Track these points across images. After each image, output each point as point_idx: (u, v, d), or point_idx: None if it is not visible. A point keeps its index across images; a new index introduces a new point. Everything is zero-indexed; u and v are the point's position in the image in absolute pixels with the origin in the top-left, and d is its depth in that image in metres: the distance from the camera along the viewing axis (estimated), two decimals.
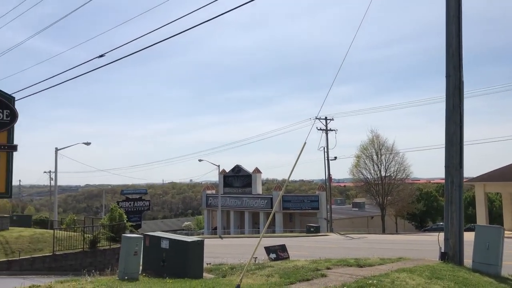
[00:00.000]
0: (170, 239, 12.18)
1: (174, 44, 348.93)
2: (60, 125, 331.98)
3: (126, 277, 10.95)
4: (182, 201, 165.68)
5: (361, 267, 12.52)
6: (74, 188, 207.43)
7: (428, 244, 29.11)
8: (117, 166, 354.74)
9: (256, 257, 15.87)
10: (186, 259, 11.40)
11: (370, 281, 9.73)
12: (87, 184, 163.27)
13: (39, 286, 9.48)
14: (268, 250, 18.41)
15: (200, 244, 11.74)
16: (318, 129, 53.64)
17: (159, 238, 12.54)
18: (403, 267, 12.16)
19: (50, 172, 70.71)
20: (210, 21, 12.46)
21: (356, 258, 14.20)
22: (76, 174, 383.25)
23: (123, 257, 11.26)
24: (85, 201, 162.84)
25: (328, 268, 12.07)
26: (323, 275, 10.90)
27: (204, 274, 11.89)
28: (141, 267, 12.56)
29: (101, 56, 16.80)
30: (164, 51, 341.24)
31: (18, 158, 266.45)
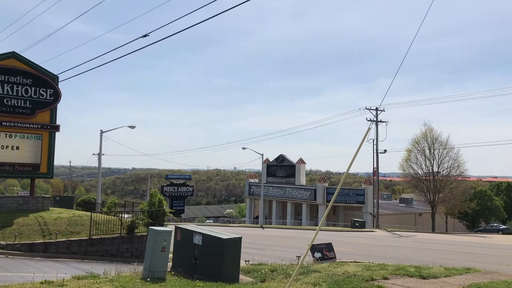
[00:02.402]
0: (203, 234, 10.90)
1: (225, 32, 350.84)
2: (112, 109, 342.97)
3: (151, 276, 9.61)
4: (226, 188, 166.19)
5: (424, 278, 10.64)
6: (122, 171, 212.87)
7: (489, 248, 26.98)
8: (163, 151, 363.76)
9: (299, 256, 14.55)
10: (221, 259, 10.06)
11: None
12: (133, 168, 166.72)
13: (52, 282, 8.24)
14: (313, 248, 16.58)
15: (236, 242, 10.36)
16: (368, 120, 51.55)
17: (192, 232, 11.27)
18: (476, 283, 10.15)
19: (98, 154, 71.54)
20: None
21: (416, 266, 12.28)
22: (125, 157, 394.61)
23: (149, 253, 9.98)
24: (132, 184, 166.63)
25: (385, 278, 10.26)
26: None
27: (241, 277, 10.38)
28: (170, 263, 11.26)
29: (145, 36, 15.72)
30: (214, 40, 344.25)
31: (69, 139, 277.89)
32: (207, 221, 78.33)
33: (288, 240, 30.80)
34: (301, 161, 64.74)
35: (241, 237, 10.49)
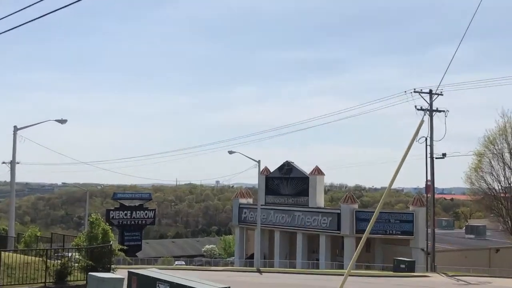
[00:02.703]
0: (173, 284, 11.05)
1: None
2: (31, 94, 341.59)
3: None
4: (204, 212, 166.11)
5: None
6: (48, 187, 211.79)
7: None
8: (109, 158, 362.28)
9: None
10: None
11: None
12: (64, 183, 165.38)
13: None
14: None
15: None
16: (418, 109, 50.97)
17: (155, 280, 11.60)
18: None
19: (10, 162, 71.01)
20: None
21: None
22: (52, 167, 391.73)
23: None
24: (62, 207, 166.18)
25: None
26: None
27: None
28: None
29: None
30: None
31: None
32: (177, 262, 77.62)
33: None
34: (317, 171, 64.60)
35: (229, 287, 10.34)
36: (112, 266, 25.32)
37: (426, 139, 50.99)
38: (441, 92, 51.85)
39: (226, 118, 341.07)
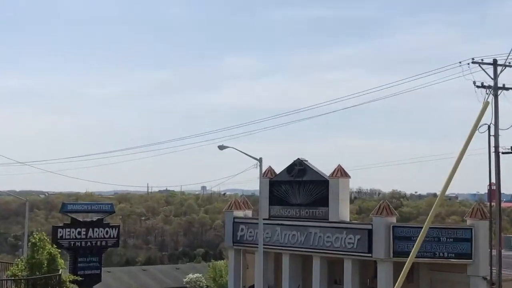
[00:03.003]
0: None
1: None
2: None
3: None
4: (186, 229, 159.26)
5: None
6: None
7: None
8: (55, 156, 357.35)
9: None
10: None
11: None
12: None
13: None
14: None
15: None
16: (478, 86, 48.45)
17: None
18: None
19: None
20: None
21: None
22: None
23: None
24: None
25: None
26: None
27: None
28: None
29: None
30: None
31: None
32: None
33: None
34: (340, 172, 61.97)
35: None
36: None
37: (488, 127, 47.85)
38: (510, 62, 48.75)
39: (215, 101, 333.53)
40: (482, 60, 49.91)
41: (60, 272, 27.32)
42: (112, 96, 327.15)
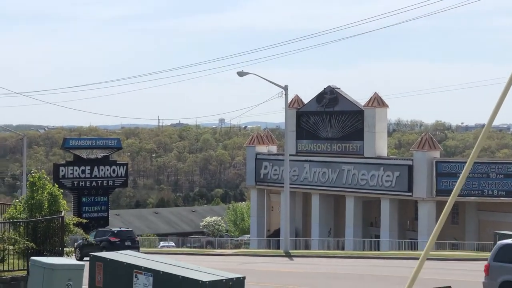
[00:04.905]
0: (157, 273, 13.18)
1: None
2: None
3: None
4: (202, 167, 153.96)
5: None
6: None
7: None
8: (56, 86, 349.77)
9: None
10: None
11: None
12: None
13: None
14: None
15: None
16: None
17: (130, 268, 13.59)
18: None
19: None
20: None
21: None
22: None
23: None
24: None
25: None
26: None
27: None
28: None
29: None
30: None
31: None
32: (162, 244, 78.21)
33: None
34: (377, 100, 60.48)
35: (244, 278, 13.67)
36: (65, 249, 25.63)
37: None
38: None
39: (232, 21, 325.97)
40: None
41: (62, 215, 25.35)
42: (113, 17, 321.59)
